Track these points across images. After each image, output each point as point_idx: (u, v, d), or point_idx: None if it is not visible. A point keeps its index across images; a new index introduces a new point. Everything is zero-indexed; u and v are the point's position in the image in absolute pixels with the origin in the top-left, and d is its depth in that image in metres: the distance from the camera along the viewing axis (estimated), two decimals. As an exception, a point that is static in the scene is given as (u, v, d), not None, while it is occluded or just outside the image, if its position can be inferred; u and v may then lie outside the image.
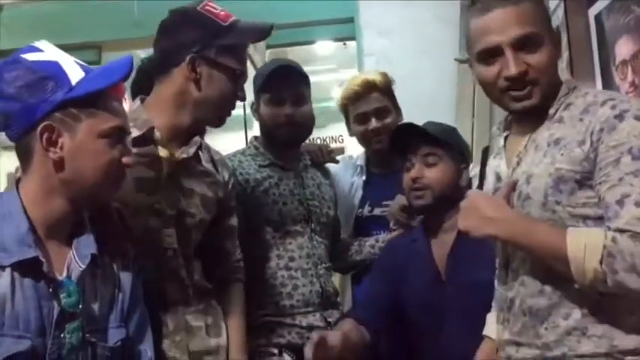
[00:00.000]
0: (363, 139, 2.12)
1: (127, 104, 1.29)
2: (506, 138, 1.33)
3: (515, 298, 1.25)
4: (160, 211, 1.42)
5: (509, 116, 1.33)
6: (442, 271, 1.68)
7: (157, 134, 1.43)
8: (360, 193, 2.12)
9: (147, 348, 1.25)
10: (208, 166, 1.56)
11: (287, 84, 1.89)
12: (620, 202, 1.08)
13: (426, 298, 1.67)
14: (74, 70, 1.13)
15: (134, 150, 1.40)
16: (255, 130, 2.07)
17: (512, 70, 1.18)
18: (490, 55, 1.21)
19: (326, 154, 2.13)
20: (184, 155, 1.46)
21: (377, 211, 2.08)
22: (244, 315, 1.63)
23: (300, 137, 1.97)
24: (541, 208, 1.18)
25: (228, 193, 1.61)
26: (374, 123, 2.06)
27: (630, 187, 1.07)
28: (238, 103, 2.01)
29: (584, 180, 1.14)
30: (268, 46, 3.58)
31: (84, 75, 1.14)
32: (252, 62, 3.84)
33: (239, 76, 1.46)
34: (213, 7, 1.45)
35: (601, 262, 1.07)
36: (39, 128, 1.10)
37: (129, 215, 1.32)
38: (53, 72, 1.12)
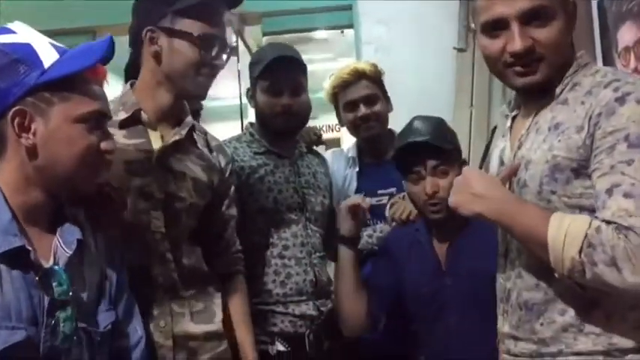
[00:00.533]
0: (353, 126, 2.12)
1: (107, 87, 1.24)
2: (514, 118, 1.26)
3: (512, 290, 1.21)
4: (149, 194, 1.39)
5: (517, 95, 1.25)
6: (443, 262, 1.66)
7: (145, 116, 1.41)
8: (354, 185, 2.12)
9: (137, 326, 1.23)
10: (204, 150, 1.53)
11: (286, 74, 1.86)
12: (609, 192, 1.01)
13: (426, 288, 1.66)
14: (48, 52, 1.09)
15: (123, 132, 1.39)
16: (253, 119, 2.04)
17: (518, 45, 1.10)
18: (495, 27, 1.13)
19: (312, 136, 2.12)
20: (176, 137, 1.44)
21: (372, 201, 2.04)
22: (249, 308, 1.62)
23: (297, 127, 1.95)
24: (536, 197, 1.13)
25: (225, 180, 1.57)
26: (363, 110, 2.06)
27: (621, 177, 1.00)
28: (234, 93, 2.01)
29: (581, 169, 1.07)
30: (264, 34, 3.54)
31: (58, 57, 1.09)
32: (248, 49, 3.80)
33: (205, 41, 1.38)
34: None
35: (580, 252, 1.01)
36: (10, 113, 1.05)
37: (118, 197, 1.30)
38: (25, 54, 1.07)
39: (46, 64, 1.07)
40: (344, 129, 2.29)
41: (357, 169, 2.14)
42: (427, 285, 1.65)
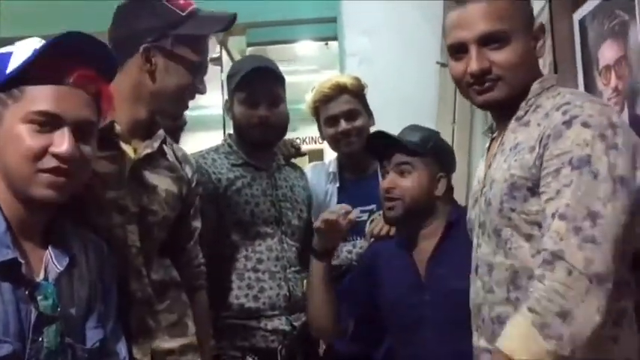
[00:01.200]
0: (334, 141, 2.10)
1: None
2: (491, 141, 1.32)
3: (482, 305, 1.23)
4: (123, 207, 1.36)
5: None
6: (422, 276, 1.66)
7: (118, 128, 1.38)
8: (334, 201, 2.10)
9: (122, 347, 1.21)
10: (173, 161, 1.51)
11: (263, 85, 1.86)
12: (553, 216, 1.04)
13: (405, 302, 1.66)
14: (20, 57, 1.05)
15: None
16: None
17: (474, 66, 1.18)
18: (458, 50, 1.21)
19: (290, 148, 2.10)
20: (148, 150, 1.42)
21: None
22: (210, 326, 1.60)
23: (274, 138, 1.94)
24: (498, 215, 1.16)
25: (192, 190, 1.54)
26: (343, 125, 2.05)
27: (563, 200, 1.03)
28: (217, 102, 1.99)
29: (535, 187, 1.11)
30: (249, 44, 3.54)
31: (28, 55, 1.05)
32: (232, 59, 3.79)
33: (197, 68, 1.41)
34: None
35: (543, 339, 0.98)
36: None
37: (94, 212, 1.29)
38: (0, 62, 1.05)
39: (11, 67, 1.04)
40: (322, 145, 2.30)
41: (338, 184, 2.12)
42: (406, 298, 1.66)
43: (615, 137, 1.05)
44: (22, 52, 1.06)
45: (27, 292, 1.02)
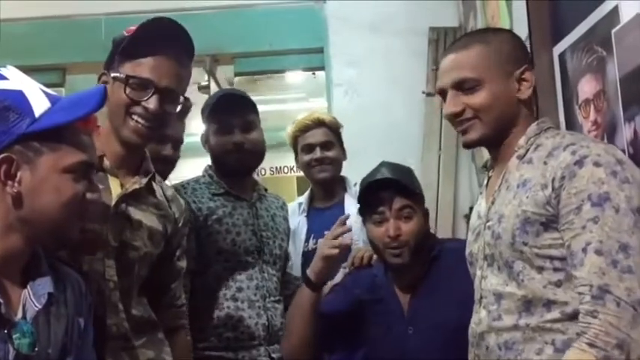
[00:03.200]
0: (308, 167, 2.22)
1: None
2: (489, 178, 1.38)
3: (486, 333, 1.27)
4: (104, 242, 1.35)
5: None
6: (405, 311, 1.65)
7: (107, 163, 1.38)
8: (304, 229, 2.19)
9: None
10: (161, 199, 1.49)
11: (234, 112, 1.89)
12: (585, 250, 1.10)
13: (389, 336, 1.64)
14: (39, 100, 1.07)
15: None
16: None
17: (447, 109, 1.31)
18: (441, 95, 1.34)
19: None
20: (136, 186, 1.41)
21: (319, 243, 2.08)
22: None
23: (251, 164, 1.95)
24: (510, 248, 1.22)
25: (179, 230, 1.53)
26: (318, 153, 2.17)
27: (590, 235, 1.10)
28: (200, 130, 1.99)
29: (549, 222, 1.17)
30: (237, 74, 3.57)
31: (49, 106, 1.08)
32: (220, 88, 3.81)
33: (133, 82, 1.33)
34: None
35: None
36: None
37: (75, 245, 1.25)
38: (16, 102, 1.06)
39: (37, 112, 1.06)
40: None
41: (306, 213, 2.23)
42: (389, 332, 1.64)
43: (625, 172, 1.13)
44: (33, 90, 1.09)
45: (5, 331, 1.01)
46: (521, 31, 2.04)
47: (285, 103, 5.26)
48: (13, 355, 1.01)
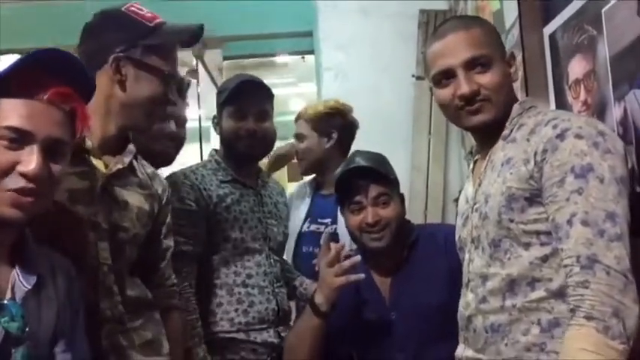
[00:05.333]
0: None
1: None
2: (476, 162, 1.38)
3: (473, 316, 1.27)
4: (95, 224, 1.33)
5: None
6: (386, 297, 1.66)
7: (89, 143, 1.35)
8: (306, 208, 2.22)
9: None
10: (143, 177, 1.48)
11: (251, 99, 1.89)
12: (570, 222, 1.10)
13: (372, 326, 1.65)
14: None
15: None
16: (213, 143, 2.04)
17: (465, 88, 1.25)
18: (444, 77, 1.29)
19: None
20: (119, 165, 1.39)
21: (312, 227, 2.16)
22: (182, 348, 1.57)
23: (260, 153, 1.97)
24: (496, 226, 1.22)
25: (163, 208, 1.51)
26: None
27: (575, 206, 1.10)
28: (194, 116, 1.99)
29: (534, 197, 1.17)
30: (226, 58, 3.54)
31: None
32: (209, 73, 3.79)
33: (168, 78, 1.39)
34: (139, 9, 1.39)
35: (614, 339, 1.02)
36: None
37: (65, 228, 1.25)
38: None
39: None
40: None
41: (310, 197, 2.24)
42: (372, 320, 1.64)
43: (606, 143, 1.12)
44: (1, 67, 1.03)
45: None
46: (511, 12, 2.04)
47: (274, 88, 5.20)
48: (2, 335, 0.99)
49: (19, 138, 1.01)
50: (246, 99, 1.88)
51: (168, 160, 1.86)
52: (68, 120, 1.07)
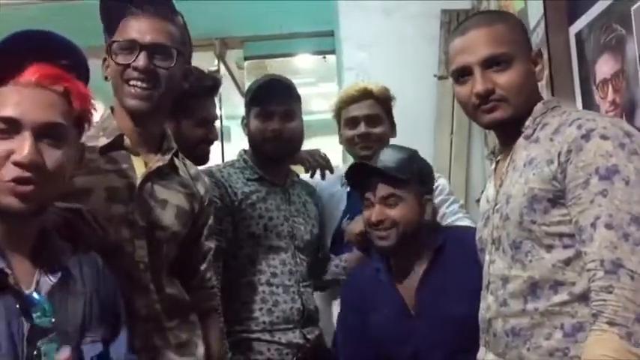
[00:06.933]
0: (351, 144, 2.06)
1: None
2: (498, 162, 1.36)
3: (494, 319, 1.25)
4: (132, 222, 1.33)
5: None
6: (410, 306, 1.62)
7: (127, 141, 1.37)
8: (343, 205, 2.09)
9: None
10: (185, 177, 1.48)
11: (276, 99, 1.88)
12: (594, 225, 1.08)
13: (395, 334, 1.61)
14: None
15: (105, 158, 1.34)
16: (234, 143, 2.04)
17: (479, 87, 1.23)
18: (462, 74, 1.27)
19: (319, 158, 2.09)
20: (159, 163, 1.39)
21: None
22: (224, 347, 1.58)
23: (287, 152, 1.95)
24: (518, 228, 1.20)
25: (205, 209, 1.52)
26: (363, 128, 2.03)
27: (599, 209, 1.07)
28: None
29: (557, 198, 1.15)
30: (246, 58, 3.55)
31: None
32: (230, 73, 3.80)
33: (117, 46, 1.33)
34: None
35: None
36: None
37: (97, 224, 1.25)
38: None
39: None
40: (328, 153, 2.27)
41: (348, 189, 2.07)
42: (396, 330, 1.61)
43: (633, 144, 1.10)
44: None
45: (17, 306, 0.99)
46: (535, 10, 2.01)
47: (295, 88, 5.22)
48: (28, 328, 0.99)
49: (8, 127, 0.98)
50: (271, 99, 1.87)
51: (204, 160, 1.85)
52: (63, 101, 1.03)
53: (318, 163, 2.11)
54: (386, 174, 1.61)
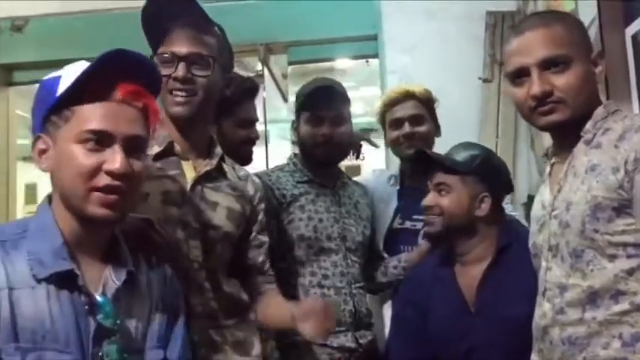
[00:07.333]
0: (396, 144, 2.10)
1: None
2: (553, 165, 1.33)
3: (550, 327, 1.24)
4: (186, 223, 1.41)
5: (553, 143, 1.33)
6: (470, 303, 1.62)
7: (177, 148, 1.44)
8: (394, 204, 2.09)
9: None
10: (234, 180, 1.54)
11: (326, 104, 1.90)
12: None
13: (453, 329, 1.62)
14: (68, 81, 1.06)
15: (158, 164, 1.40)
16: (276, 145, 2.07)
17: (536, 89, 1.21)
18: (519, 75, 1.25)
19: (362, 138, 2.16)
20: (207, 167, 1.46)
21: (407, 224, 2.07)
22: (269, 346, 1.61)
23: (337, 157, 1.97)
24: (579, 236, 1.17)
25: (255, 209, 1.57)
26: (407, 128, 2.05)
27: None
28: (260, 119, 2.03)
29: (622, 207, 1.12)
30: (290, 63, 3.57)
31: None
32: (274, 77, 3.83)
33: (163, 58, 1.41)
34: None
35: None
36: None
37: (165, 236, 1.29)
38: (49, 86, 1.08)
39: (59, 92, 1.06)
40: (366, 158, 2.30)
41: (398, 187, 2.11)
42: (454, 326, 1.61)
43: None
44: (70, 74, 1.07)
45: (86, 306, 1.04)
46: (588, 12, 1.97)
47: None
48: (95, 327, 1.04)
49: (102, 139, 1.05)
50: (321, 104, 1.89)
51: (248, 160, 1.93)
52: (142, 116, 1.11)
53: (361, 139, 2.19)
54: (441, 162, 1.65)
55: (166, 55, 1.41)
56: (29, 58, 3.16)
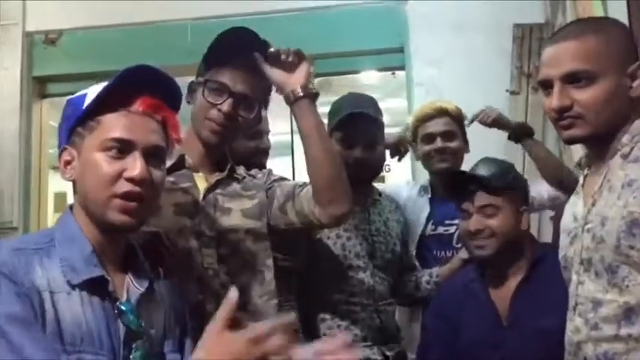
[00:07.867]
0: (427, 158, 2.17)
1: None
2: (586, 177, 1.32)
3: (583, 343, 1.22)
4: (200, 233, 1.45)
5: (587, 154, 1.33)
6: (502, 316, 1.61)
7: (189, 161, 1.49)
8: (425, 213, 2.15)
9: None
10: (246, 179, 1.57)
11: (360, 128, 1.90)
12: None
13: (485, 342, 1.61)
14: (94, 93, 1.12)
15: (171, 178, 1.44)
16: (301, 155, 2.08)
17: (555, 103, 1.22)
18: (545, 86, 1.26)
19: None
20: (218, 177, 1.51)
21: (440, 230, 2.12)
22: None
23: (368, 178, 1.99)
24: (614, 252, 1.16)
25: (269, 193, 1.57)
26: (439, 143, 2.12)
27: None
28: (286, 129, 2.05)
29: None
30: (317, 75, 3.58)
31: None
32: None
33: (211, 86, 1.48)
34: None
35: None
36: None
37: (172, 237, 1.36)
38: (75, 103, 1.14)
39: (85, 105, 1.12)
40: (392, 170, 2.34)
41: (430, 195, 2.18)
42: (486, 339, 1.61)
43: None
44: (94, 90, 1.14)
45: (115, 311, 1.08)
46: (617, 17, 1.93)
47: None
48: (124, 331, 1.08)
49: (123, 148, 1.11)
50: (355, 128, 1.89)
51: (261, 169, 1.93)
52: (161, 128, 1.16)
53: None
54: (484, 183, 1.63)
55: (217, 85, 1.46)
56: (62, 71, 3.24)
